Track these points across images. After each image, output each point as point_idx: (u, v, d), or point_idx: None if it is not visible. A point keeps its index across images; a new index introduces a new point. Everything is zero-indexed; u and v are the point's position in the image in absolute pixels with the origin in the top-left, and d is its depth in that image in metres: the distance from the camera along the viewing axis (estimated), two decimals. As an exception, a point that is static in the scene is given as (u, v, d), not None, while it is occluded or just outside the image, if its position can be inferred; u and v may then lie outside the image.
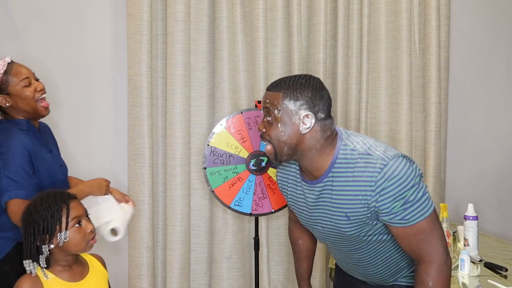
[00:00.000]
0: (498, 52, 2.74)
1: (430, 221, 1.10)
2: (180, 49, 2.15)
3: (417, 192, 1.08)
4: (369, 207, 1.11)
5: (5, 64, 1.44)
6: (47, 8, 2.20)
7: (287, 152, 1.15)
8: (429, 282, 1.10)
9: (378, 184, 1.07)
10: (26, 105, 1.45)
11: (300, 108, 1.12)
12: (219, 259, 2.27)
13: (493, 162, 2.76)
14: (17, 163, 1.36)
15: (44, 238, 1.20)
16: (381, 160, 1.08)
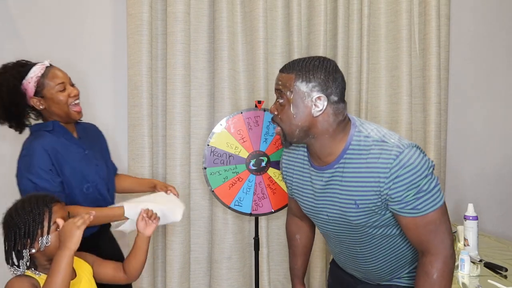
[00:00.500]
0: (498, 52, 2.74)
1: (440, 213, 1.10)
2: (180, 49, 2.15)
3: (430, 182, 1.08)
4: (380, 195, 1.09)
5: (43, 68, 1.49)
6: (47, 8, 2.20)
7: (299, 135, 1.14)
8: (434, 274, 1.09)
9: (393, 171, 1.06)
10: (58, 109, 1.48)
11: (312, 90, 1.10)
12: (219, 259, 2.27)
13: (493, 162, 2.76)
14: (36, 164, 1.40)
15: (25, 242, 1.16)
16: (396, 147, 1.07)
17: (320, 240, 2.34)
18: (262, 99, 2.23)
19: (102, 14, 2.27)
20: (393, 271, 1.29)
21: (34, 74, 1.46)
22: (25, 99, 1.46)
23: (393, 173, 1.06)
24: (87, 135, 1.65)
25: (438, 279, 1.09)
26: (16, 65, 1.49)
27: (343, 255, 1.34)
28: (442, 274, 1.09)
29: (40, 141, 1.44)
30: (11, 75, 1.46)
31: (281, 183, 2.06)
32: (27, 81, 1.45)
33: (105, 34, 2.27)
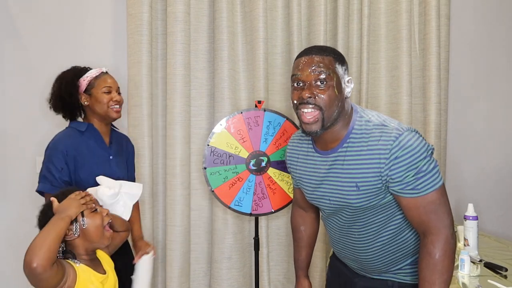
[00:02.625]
0: (498, 52, 2.74)
1: (440, 193, 1.13)
2: (180, 49, 2.15)
3: (429, 163, 1.11)
4: (381, 176, 1.13)
5: (99, 71, 1.68)
6: (47, 8, 2.20)
7: (335, 117, 1.17)
8: (436, 254, 1.10)
9: (392, 151, 1.10)
10: (99, 108, 1.64)
11: (345, 73, 1.20)
12: (219, 259, 2.27)
13: (493, 162, 2.76)
14: (51, 160, 1.57)
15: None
16: (396, 130, 1.12)
17: (320, 240, 2.34)
18: (262, 99, 2.23)
19: (102, 14, 2.27)
20: (389, 263, 1.29)
21: (90, 75, 1.66)
22: (77, 93, 1.65)
23: (393, 153, 1.10)
24: (118, 144, 1.77)
25: (440, 258, 1.10)
26: (81, 68, 1.70)
27: (341, 244, 1.35)
28: (444, 254, 1.11)
29: (64, 141, 1.60)
30: (73, 72, 1.68)
31: (281, 183, 2.06)
32: (82, 79, 1.66)
33: (105, 34, 2.27)
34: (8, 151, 2.19)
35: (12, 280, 2.21)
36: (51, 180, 1.57)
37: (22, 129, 2.20)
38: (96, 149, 1.66)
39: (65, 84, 1.65)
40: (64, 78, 1.66)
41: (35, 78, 2.20)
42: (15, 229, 2.19)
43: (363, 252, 1.30)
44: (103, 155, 1.67)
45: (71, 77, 1.66)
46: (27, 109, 2.20)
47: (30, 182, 2.20)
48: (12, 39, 2.17)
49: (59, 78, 1.68)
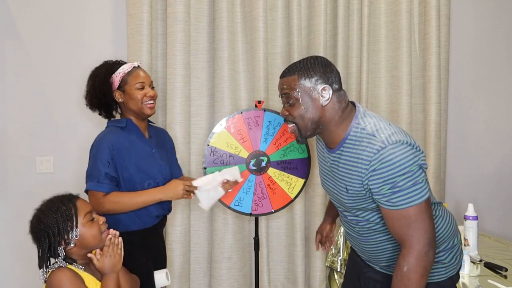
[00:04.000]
0: (498, 52, 2.74)
1: (417, 210, 1.13)
2: (180, 49, 2.15)
3: (408, 180, 1.12)
4: (363, 184, 1.18)
5: (131, 66, 1.66)
6: (47, 8, 2.20)
7: (311, 127, 1.24)
8: (404, 267, 1.13)
9: (372, 163, 1.14)
10: (133, 105, 1.64)
11: (316, 84, 1.22)
12: (219, 259, 2.27)
13: (493, 162, 2.76)
14: (97, 157, 1.56)
15: (60, 240, 1.23)
16: (380, 143, 1.13)
17: (320, 240, 2.34)
18: (262, 99, 2.23)
19: (102, 14, 2.27)
20: (389, 259, 1.31)
21: (122, 71, 1.64)
22: (111, 91, 1.64)
23: (372, 165, 1.14)
24: (157, 138, 1.79)
25: (407, 272, 1.12)
26: (113, 62, 1.68)
27: (349, 234, 1.41)
28: (413, 269, 1.12)
29: (108, 136, 1.60)
30: (105, 68, 1.66)
31: (281, 183, 2.06)
32: (115, 75, 1.64)
33: (105, 34, 2.27)
34: (8, 151, 2.19)
35: (12, 280, 2.21)
36: (97, 177, 1.55)
37: (22, 129, 2.20)
38: (139, 144, 1.65)
39: (98, 82, 1.64)
40: (97, 76, 1.65)
41: (35, 78, 2.20)
42: (15, 229, 2.19)
43: (365, 244, 1.34)
44: (146, 149, 1.67)
45: (104, 74, 1.64)
46: (27, 109, 2.20)
47: (30, 182, 2.20)
48: (12, 39, 2.17)
49: (93, 75, 1.67)
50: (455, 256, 1.30)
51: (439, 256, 1.26)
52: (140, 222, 1.63)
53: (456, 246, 1.31)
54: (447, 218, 1.31)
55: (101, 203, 1.54)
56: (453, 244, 1.30)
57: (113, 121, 1.69)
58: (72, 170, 2.24)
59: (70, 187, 2.23)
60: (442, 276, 1.28)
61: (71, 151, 2.24)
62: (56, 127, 2.23)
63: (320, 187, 2.33)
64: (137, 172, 1.61)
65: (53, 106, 2.23)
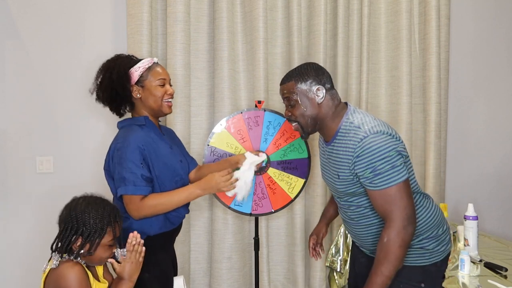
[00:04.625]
0: (498, 52, 2.74)
1: (396, 189, 1.29)
2: (180, 49, 2.15)
3: (386, 163, 1.29)
4: (350, 170, 1.35)
5: (151, 62, 1.60)
6: (47, 8, 2.20)
7: (311, 123, 1.43)
8: (384, 238, 1.29)
9: (356, 151, 1.32)
10: (153, 102, 1.57)
11: (311, 85, 1.41)
12: (219, 259, 2.27)
13: (493, 162, 2.76)
14: (128, 159, 1.46)
15: (84, 243, 1.24)
16: (363, 133, 1.32)
17: (320, 240, 2.35)
18: (262, 99, 2.23)
19: (102, 14, 2.27)
20: (374, 242, 1.43)
21: (142, 65, 1.57)
22: (129, 84, 1.56)
23: (356, 152, 1.32)
24: (169, 135, 1.74)
25: (387, 242, 1.28)
26: (126, 56, 1.62)
27: (343, 218, 1.56)
28: (392, 240, 1.28)
29: (134, 136, 1.50)
30: (123, 61, 1.58)
31: (281, 183, 2.06)
32: (134, 69, 1.56)
33: (105, 34, 2.27)
34: (8, 151, 2.19)
35: (12, 280, 2.21)
36: (133, 180, 1.45)
37: (22, 129, 2.20)
38: (160, 142, 1.58)
39: (117, 74, 1.54)
40: (115, 68, 1.55)
41: (35, 78, 2.20)
42: (15, 229, 2.19)
43: (356, 228, 1.49)
44: (166, 147, 1.61)
45: (123, 67, 1.56)
46: (27, 109, 2.20)
47: (30, 182, 2.20)
48: (12, 39, 2.17)
49: (107, 68, 1.56)
50: (440, 244, 1.42)
51: (423, 242, 1.40)
52: (169, 223, 1.57)
53: (441, 236, 1.43)
54: (431, 209, 1.44)
55: (139, 208, 1.46)
56: (438, 234, 1.42)
57: (129, 119, 1.60)
58: (72, 170, 2.24)
59: (70, 187, 2.24)
60: (426, 261, 1.40)
61: (71, 151, 2.24)
62: (56, 127, 2.23)
63: (320, 187, 2.33)
64: (166, 170, 1.55)
65: (53, 106, 2.23)
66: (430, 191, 2.45)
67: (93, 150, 2.27)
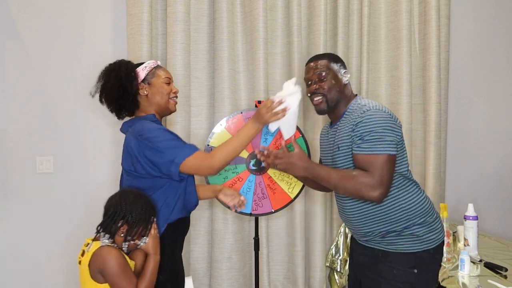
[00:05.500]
0: (498, 52, 2.74)
1: (379, 159, 1.39)
2: (180, 49, 2.15)
3: (378, 133, 1.41)
4: (350, 138, 1.47)
5: (156, 63, 1.66)
6: (47, 8, 2.20)
7: (335, 98, 1.57)
8: (355, 172, 1.43)
9: (356, 120, 1.46)
10: (160, 98, 1.60)
11: (340, 68, 1.61)
12: (219, 259, 2.27)
13: (493, 162, 2.76)
14: (167, 136, 1.50)
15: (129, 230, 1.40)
16: (367, 108, 1.47)
17: (320, 241, 2.34)
18: (262, 99, 2.23)
19: (102, 14, 2.27)
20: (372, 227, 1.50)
21: (148, 65, 1.62)
22: (137, 82, 1.58)
23: (356, 121, 1.46)
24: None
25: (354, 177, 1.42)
26: (128, 61, 1.65)
27: (339, 205, 1.63)
28: (362, 178, 1.40)
29: (153, 123, 1.54)
30: (127, 62, 1.62)
31: (281, 183, 2.06)
32: (140, 68, 1.61)
33: (105, 34, 2.27)
34: (8, 151, 2.19)
35: (12, 280, 2.21)
36: (182, 144, 1.49)
37: (22, 129, 2.20)
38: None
39: (125, 72, 1.56)
40: (120, 68, 1.58)
41: (35, 78, 2.20)
42: (15, 229, 2.19)
43: (350, 213, 1.55)
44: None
45: (130, 66, 1.59)
46: (27, 109, 2.20)
47: (30, 182, 2.20)
48: (12, 39, 2.17)
49: (113, 69, 1.58)
50: (431, 232, 1.47)
51: (413, 229, 1.46)
52: (185, 210, 1.61)
53: (432, 224, 1.48)
54: (421, 196, 1.51)
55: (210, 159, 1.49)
56: (427, 221, 1.48)
57: (137, 118, 1.60)
58: (72, 170, 2.24)
59: (70, 187, 2.24)
60: (417, 247, 1.45)
61: (71, 151, 2.24)
62: (56, 127, 2.23)
63: (320, 187, 2.33)
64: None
65: (53, 106, 2.23)
66: (430, 191, 2.45)
67: (93, 150, 2.27)
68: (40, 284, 2.24)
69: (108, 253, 1.35)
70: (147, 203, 1.45)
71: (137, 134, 1.50)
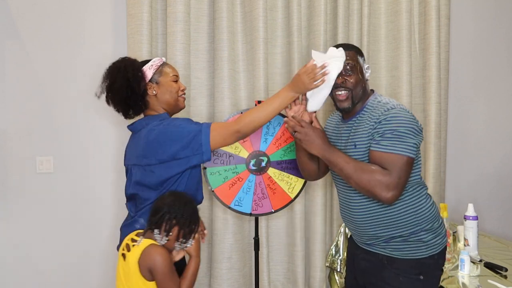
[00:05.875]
0: (498, 52, 2.74)
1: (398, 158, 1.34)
2: (180, 49, 2.15)
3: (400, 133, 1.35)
4: (369, 136, 1.40)
5: (161, 61, 1.63)
6: (47, 8, 2.20)
7: (359, 95, 1.48)
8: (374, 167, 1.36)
9: (379, 118, 1.39)
10: (170, 97, 1.59)
11: (364, 63, 1.53)
12: (219, 259, 2.27)
13: (493, 162, 2.76)
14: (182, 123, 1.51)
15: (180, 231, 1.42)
16: (391, 106, 1.41)
17: (320, 241, 2.34)
18: (262, 99, 2.23)
19: (102, 14, 2.27)
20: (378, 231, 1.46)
21: (154, 63, 1.59)
22: (144, 82, 1.56)
23: (379, 119, 1.39)
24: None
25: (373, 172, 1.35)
26: (134, 59, 1.62)
27: (344, 205, 1.57)
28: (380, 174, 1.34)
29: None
30: (132, 62, 1.59)
31: (281, 183, 2.06)
32: (147, 67, 1.58)
33: (105, 34, 2.27)
34: (8, 151, 2.19)
35: (12, 280, 2.21)
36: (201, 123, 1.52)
37: (22, 129, 2.20)
38: None
39: (132, 73, 1.53)
40: (127, 68, 1.54)
41: (35, 78, 2.20)
42: (15, 229, 2.19)
43: (356, 213, 1.49)
44: None
45: (137, 65, 1.56)
46: (27, 109, 2.20)
47: (30, 182, 2.20)
48: (12, 39, 2.17)
49: (118, 68, 1.55)
50: (437, 237, 1.45)
51: (421, 235, 1.43)
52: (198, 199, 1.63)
53: (438, 230, 1.47)
54: (431, 202, 1.49)
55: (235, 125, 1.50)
56: (434, 226, 1.46)
57: (149, 117, 1.58)
58: (72, 170, 2.24)
59: (70, 187, 2.24)
60: (423, 253, 1.44)
61: (71, 151, 2.24)
62: (56, 127, 2.23)
63: (320, 187, 2.33)
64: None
65: (53, 106, 2.23)
66: (430, 191, 2.44)
67: (93, 150, 2.27)
68: (40, 284, 2.24)
69: (160, 253, 1.38)
70: (196, 207, 1.49)
71: (152, 131, 1.50)
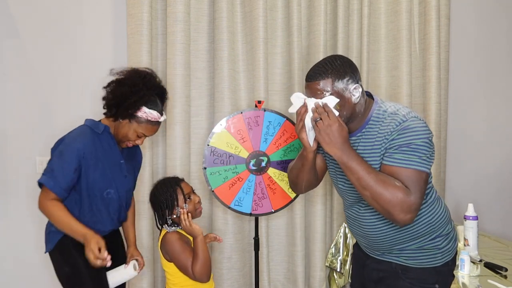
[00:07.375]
0: (498, 52, 2.74)
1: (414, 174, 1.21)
2: (180, 49, 2.15)
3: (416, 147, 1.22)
4: (381, 153, 1.27)
5: (158, 118, 1.66)
6: (47, 8, 2.20)
7: (354, 116, 1.32)
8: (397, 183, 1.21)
9: (393, 133, 1.25)
10: (121, 135, 1.65)
11: (347, 84, 1.28)
12: (219, 259, 2.27)
13: (493, 162, 2.76)
14: (65, 161, 1.54)
15: (169, 212, 1.63)
16: (402, 117, 1.26)
17: (320, 240, 2.34)
18: (262, 99, 2.23)
19: (102, 14, 2.27)
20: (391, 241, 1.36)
21: (151, 115, 1.62)
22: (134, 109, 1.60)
23: (393, 135, 1.25)
24: (128, 150, 1.78)
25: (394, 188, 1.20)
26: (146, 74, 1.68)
27: (352, 218, 1.45)
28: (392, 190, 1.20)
29: (80, 140, 1.58)
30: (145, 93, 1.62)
31: (281, 183, 2.06)
32: (144, 110, 1.60)
33: (105, 34, 2.27)
34: (8, 151, 2.19)
35: (13, 280, 2.21)
36: (60, 181, 1.53)
37: (22, 129, 2.20)
38: (109, 153, 1.64)
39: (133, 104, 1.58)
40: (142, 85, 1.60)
41: (35, 78, 2.20)
42: (15, 229, 2.19)
43: (368, 227, 1.38)
44: (116, 159, 1.67)
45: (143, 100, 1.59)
46: (27, 109, 2.20)
47: (30, 182, 2.20)
48: (12, 39, 2.17)
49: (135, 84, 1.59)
50: (450, 242, 1.39)
51: (436, 241, 1.35)
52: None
53: (450, 233, 1.40)
54: (442, 204, 1.41)
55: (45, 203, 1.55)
56: (448, 231, 1.39)
57: (91, 121, 1.66)
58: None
59: (70, 187, 2.24)
60: (439, 261, 1.36)
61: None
62: (56, 127, 2.23)
63: (320, 188, 2.33)
64: (101, 180, 1.61)
65: (53, 106, 2.23)
66: (430, 191, 2.45)
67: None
68: (40, 284, 2.23)
69: (168, 239, 1.61)
70: (167, 181, 1.70)
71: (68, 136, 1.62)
